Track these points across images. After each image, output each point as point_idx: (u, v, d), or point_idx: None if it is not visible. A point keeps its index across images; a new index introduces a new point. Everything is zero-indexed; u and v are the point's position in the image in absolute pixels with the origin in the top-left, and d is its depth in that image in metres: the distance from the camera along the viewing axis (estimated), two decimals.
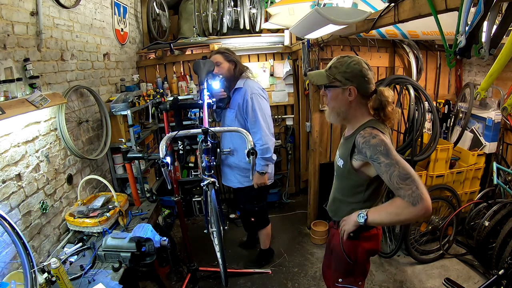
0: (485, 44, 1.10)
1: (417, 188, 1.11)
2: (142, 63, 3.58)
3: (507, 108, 1.66)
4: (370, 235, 1.44)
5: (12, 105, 1.49)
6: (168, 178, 1.59)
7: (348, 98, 1.31)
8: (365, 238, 1.43)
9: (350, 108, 1.34)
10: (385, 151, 1.18)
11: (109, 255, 1.71)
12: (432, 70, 3.21)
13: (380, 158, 1.18)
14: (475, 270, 2.59)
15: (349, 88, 1.30)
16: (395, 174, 1.15)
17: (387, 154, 1.18)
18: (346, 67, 1.30)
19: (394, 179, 1.15)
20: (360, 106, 1.34)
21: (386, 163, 1.17)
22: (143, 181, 2.65)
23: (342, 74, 1.30)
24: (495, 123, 2.73)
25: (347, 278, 1.51)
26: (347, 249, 1.46)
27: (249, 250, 3.02)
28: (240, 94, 2.31)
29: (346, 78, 1.29)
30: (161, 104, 2.47)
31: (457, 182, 2.88)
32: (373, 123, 1.31)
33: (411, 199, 1.11)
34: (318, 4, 2.25)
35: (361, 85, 1.30)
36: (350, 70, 1.29)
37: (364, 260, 1.48)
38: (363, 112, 1.35)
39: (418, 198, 1.10)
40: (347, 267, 1.49)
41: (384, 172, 1.18)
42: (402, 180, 1.13)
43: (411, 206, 1.11)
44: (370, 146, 1.22)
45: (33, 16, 1.79)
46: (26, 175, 1.70)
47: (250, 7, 3.67)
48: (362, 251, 1.45)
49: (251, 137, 1.68)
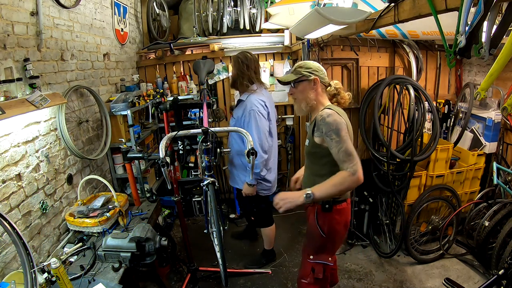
0: (485, 44, 1.10)
1: (357, 163, 1.44)
2: (142, 63, 3.58)
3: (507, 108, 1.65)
4: (342, 208, 1.66)
5: (12, 105, 1.49)
6: (168, 178, 1.60)
7: (314, 87, 1.64)
8: (337, 211, 1.64)
9: (316, 96, 1.65)
10: (337, 130, 1.46)
11: (109, 255, 1.71)
12: (432, 70, 3.21)
13: (332, 135, 1.47)
14: (475, 270, 2.59)
15: (314, 79, 1.62)
16: (342, 149, 1.45)
17: (338, 133, 1.46)
18: (307, 65, 1.66)
19: (341, 154, 1.46)
20: (321, 94, 1.66)
21: (336, 140, 1.46)
22: (143, 181, 2.65)
23: (306, 70, 1.64)
24: (495, 123, 2.73)
25: (318, 254, 1.70)
26: (321, 222, 1.65)
27: (248, 246, 3.03)
28: (241, 107, 2.39)
29: (310, 72, 1.63)
30: (161, 104, 2.47)
31: (457, 182, 2.88)
32: (330, 106, 1.62)
33: (352, 170, 1.43)
34: (318, 4, 2.25)
35: (321, 76, 1.65)
36: (311, 66, 1.65)
37: (336, 233, 1.68)
38: (324, 100, 1.67)
39: (356, 170, 1.43)
40: (319, 242, 1.69)
41: (334, 147, 1.48)
42: (347, 154, 1.45)
43: (351, 175, 1.43)
44: (325, 124, 1.49)
45: (33, 16, 1.79)
46: (26, 175, 1.70)
47: (250, 7, 3.67)
48: (336, 223, 1.66)
49: (250, 137, 1.68)
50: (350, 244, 3.04)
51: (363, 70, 2.96)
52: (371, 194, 2.99)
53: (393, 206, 2.90)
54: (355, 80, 2.97)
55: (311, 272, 1.70)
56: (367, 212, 3.01)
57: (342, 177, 1.45)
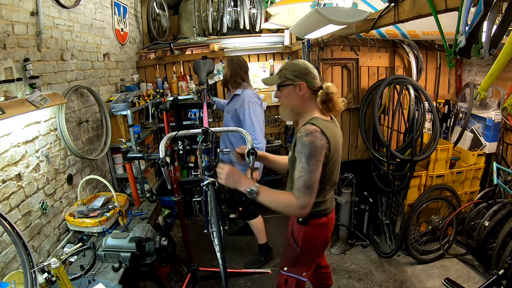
0: (485, 44, 1.10)
1: (310, 199, 1.32)
2: (142, 63, 3.58)
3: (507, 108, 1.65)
4: (320, 223, 1.53)
5: (12, 105, 1.49)
6: (168, 178, 1.60)
7: (299, 93, 1.46)
8: (313, 226, 1.52)
9: (302, 102, 1.48)
10: (308, 155, 1.32)
11: (109, 255, 1.70)
12: (432, 70, 3.21)
13: (302, 158, 1.34)
14: (475, 270, 2.59)
15: (299, 84, 1.44)
16: (303, 179, 1.32)
17: (308, 159, 1.32)
18: (294, 67, 1.47)
19: (300, 181, 1.32)
20: (310, 100, 1.48)
21: (303, 165, 1.33)
22: (143, 181, 2.65)
23: (292, 73, 1.45)
24: (495, 123, 2.73)
25: (292, 267, 1.60)
26: (296, 235, 1.55)
27: (248, 246, 3.03)
28: (238, 100, 2.53)
29: (295, 76, 1.45)
30: (161, 104, 2.47)
31: (457, 182, 2.88)
32: (315, 120, 1.41)
33: (301, 203, 1.31)
34: (318, 4, 2.25)
35: (309, 80, 1.45)
36: (298, 69, 1.46)
37: (311, 248, 1.56)
38: (312, 107, 1.48)
39: (306, 207, 1.32)
40: (294, 254, 1.58)
41: (297, 171, 1.34)
42: (305, 187, 1.31)
43: (298, 208, 1.32)
44: (300, 143, 1.36)
45: (33, 16, 1.79)
46: (26, 175, 1.70)
47: (250, 7, 3.67)
48: (310, 238, 1.54)
49: (250, 137, 1.68)
50: (350, 244, 3.03)
51: (363, 70, 2.96)
52: (371, 194, 2.99)
53: (393, 206, 2.90)
54: (355, 80, 2.97)
55: (284, 284, 1.62)
56: (367, 212, 3.01)
57: (289, 202, 1.34)
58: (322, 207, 1.51)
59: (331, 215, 1.59)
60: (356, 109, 2.99)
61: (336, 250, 2.97)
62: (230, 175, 1.45)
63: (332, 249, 2.99)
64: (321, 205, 1.50)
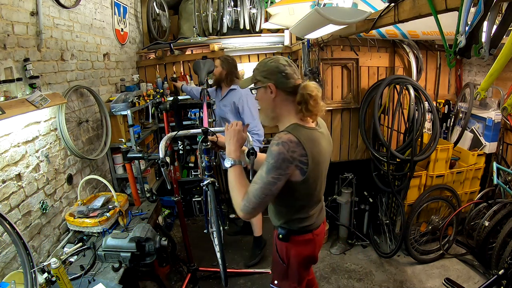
0: (485, 44, 1.09)
1: (254, 209, 1.24)
2: (142, 63, 3.58)
3: (507, 108, 1.65)
4: (304, 240, 1.42)
5: (12, 105, 1.49)
6: (168, 178, 1.60)
7: (271, 96, 1.31)
8: (296, 242, 1.42)
9: (275, 107, 1.33)
10: (272, 166, 1.20)
11: (109, 255, 1.70)
12: (432, 70, 3.20)
13: (264, 167, 1.23)
14: (475, 270, 2.59)
15: (268, 85, 1.30)
16: (256, 187, 1.23)
17: (270, 169, 1.21)
18: (263, 66, 1.32)
19: (252, 188, 1.25)
20: (285, 104, 1.32)
21: (262, 175, 1.22)
22: (143, 181, 2.65)
23: (261, 73, 1.32)
24: (495, 123, 2.73)
25: (282, 281, 1.51)
26: (280, 250, 1.46)
27: (248, 246, 3.03)
28: (235, 95, 2.66)
29: (264, 77, 1.31)
30: (161, 104, 2.47)
31: (457, 182, 2.88)
32: (293, 128, 1.28)
33: (242, 208, 1.26)
34: (318, 4, 2.25)
35: (279, 81, 1.29)
36: (267, 68, 1.31)
37: (296, 265, 1.44)
38: (289, 111, 1.32)
39: (247, 213, 1.26)
40: (281, 269, 1.48)
41: (256, 176, 1.26)
42: (253, 195, 1.23)
43: (239, 210, 1.28)
44: (269, 151, 1.23)
45: (33, 16, 1.79)
46: (26, 175, 1.70)
47: (250, 7, 3.67)
48: (294, 255, 1.43)
49: (251, 137, 1.68)
50: (350, 244, 3.04)
51: (363, 70, 2.96)
52: (371, 194, 2.99)
53: (393, 206, 2.90)
54: (355, 80, 2.97)
55: None
56: (367, 212, 3.01)
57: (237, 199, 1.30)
58: (305, 223, 1.40)
59: (318, 230, 1.46)
60: (356, 109, 2.99)
61: (336, 250, 2.97)
62: (234, 135, 1.38)
63: (332, 249, 2.99)
64: (305, 221, 1.39)
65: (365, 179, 2.98)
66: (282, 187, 1.25)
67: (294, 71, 1.31)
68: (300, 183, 1.27)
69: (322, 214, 1.50)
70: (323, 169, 1.35)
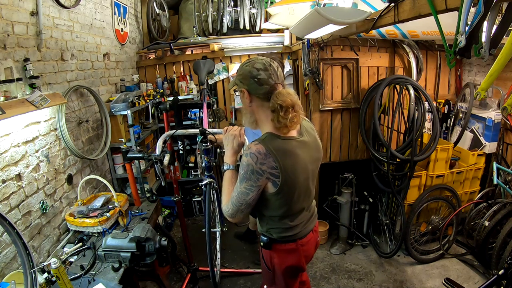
0: (485, 44, 1.09)
1: (235, 213, 1.27)
2: (142, 63, 3.58)
3: (507, 108, 1.65)
4: (286, 249, 1.38)
5: (12, 105, 1.49)
6: (162, 175, 1.60)
7: (247, 101, 1.27)
8: (279, 251, 1.39)
9: (253, 112, 1.30)
10: (243, 177, 1.21)
11: (109, 255, 1.70)
12: (432, 70, 3.20)
13: (238, 176, 1.25)
14: (475, 270, 2.59)
15: (242, 90, 1.25)
16: (234, 195, 1.26)
17: (241, 180, 1.22)
18: (240, 69, 1.26)
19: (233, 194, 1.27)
20: (262, 109, 1.26)
21: (237, 184, 1.25)
22: (143, 181, 2.65)
23: (238, 77, 1.27)
24: (495, 123, 2.73)
25: (271, 287, 1.51)
26: (265, 257, 1.45)
27: (248, 246, 3.03)
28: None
29: (240, 81, 1.26)
30: (161, 104, 2.47)
31: (457, 182, 2.88)
32: (265, 138, 1.24)
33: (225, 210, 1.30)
34: (318, 4, 2.26)
35: (251, 87, 1.22)
36: (242, 72, 1.24)
37: (281, 273, 1.42)
38: (267, 117, 1.25)
39: (230, 216, 1.29)
40: (268, 275, 1.48)
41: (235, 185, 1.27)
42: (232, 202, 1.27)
43: (224, 211, 1.31)
44: (241, 161, 1.23)
45: (33, 16, 1.79)
46: (26, 175, 1.70)
47: (250, 7, 3.67)
48: (277, 263, 1.40)
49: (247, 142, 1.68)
50: (350, 244, 3.03)
51: (363, 70, 2.96)
52: (371, 194, 2.99)
53: (393, 206, 2.90)
54: (355, 80, 2.97)
55: None
56: (367, 212, 3.01)
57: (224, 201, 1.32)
58: (288, 233, 1.35)
59: (303, 240, 1.39)
60: (356, 109, 2.99)
61: (336, 250, 2.97)
62: (232, 140, 1.37)
63: (332, 249, 2.99)
64: (287, 231, 1.35)
65: (365, 179, 2.98)
66: (260, 197, 1.26)
67: (270, 75, 1.20)
68: (273, 195, 1.24)
69: (310, 223, 1.44)
70: (301, 179, 1.27)
